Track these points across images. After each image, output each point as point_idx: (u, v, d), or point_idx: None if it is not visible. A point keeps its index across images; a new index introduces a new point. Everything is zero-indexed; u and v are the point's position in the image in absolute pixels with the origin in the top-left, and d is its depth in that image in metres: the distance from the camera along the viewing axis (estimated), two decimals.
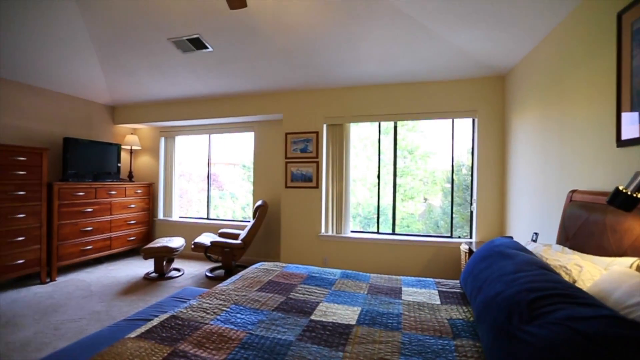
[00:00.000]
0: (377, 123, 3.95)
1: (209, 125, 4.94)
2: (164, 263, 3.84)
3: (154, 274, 3.87)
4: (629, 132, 1.52)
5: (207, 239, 3.95)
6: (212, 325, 1.45)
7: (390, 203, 3.96)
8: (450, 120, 3.70)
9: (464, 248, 3.18)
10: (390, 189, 3.96)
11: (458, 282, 2.13)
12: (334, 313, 1.62)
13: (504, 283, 1.28)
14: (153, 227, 5.19)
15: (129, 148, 5.15)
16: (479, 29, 2.55)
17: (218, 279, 3.77)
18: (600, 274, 1.29)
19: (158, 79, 3.99)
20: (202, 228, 4.89)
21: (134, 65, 3.74)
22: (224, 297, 1.78)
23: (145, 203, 5.01)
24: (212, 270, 4.05)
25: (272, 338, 1.36)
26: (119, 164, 4.75)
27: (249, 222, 4.62)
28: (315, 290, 1.93)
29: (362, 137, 4.38)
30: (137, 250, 4.96)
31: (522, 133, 2.90)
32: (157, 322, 1.48)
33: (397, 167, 3.91)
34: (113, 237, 4.45)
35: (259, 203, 4.09)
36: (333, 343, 1.33)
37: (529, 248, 1.81)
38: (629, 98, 1.52)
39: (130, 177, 5.10)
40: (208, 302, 1.71)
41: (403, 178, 4.26)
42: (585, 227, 1.64)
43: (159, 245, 3.77)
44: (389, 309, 1.68)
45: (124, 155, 5.16)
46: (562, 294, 1.04)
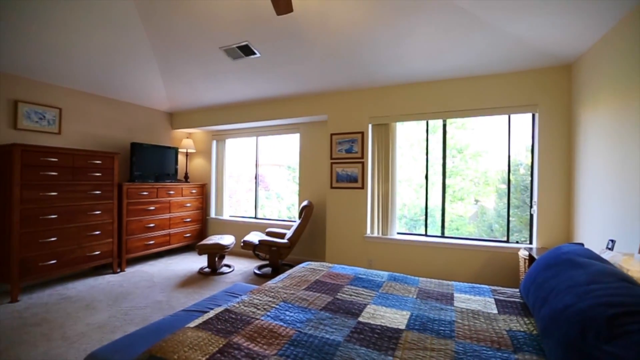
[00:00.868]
0: (424, 122, 3.80)
1: (257, 128, 5.14)
2: (216, 259, 4.07)
3: (207, 269, 4.12)
4: None
5: (255, 238, 4.12)
6: (262, 321, 1.50)
7: (438, 204, 3.79)
8: (506, 117, 3.44)
9: (523, 254, 2.93)
10: (438, 190, 3.78)
11: (517, 290, 1.98)
12: (382, 316, 1.59)
13: (575, 295, 1.15)
14: (206, 225, 5.53)
15: (185, 151, 5.56)
16: (541, 16, 2.33)
17: (266, 277, 3.91)
18: None
19: (210, 86, 4.25)
20: (250, 227, 5.11)
21: (190, 75, 4.03)
22: (273, 294, 1.84)
23: (199, 202, 5.36)
24: (260, 268, 4.21)
25: (320, 337, 1.37)
26: (177, 166, 5.14)
27: (295, 221, 4.72)
28: (362, 292, 1.92)
29: (408, 136, 4.25)
30: (192, 246, 5.33)
31: (593, 127, 2.60)
32: (212, 314, 1.57)
33: (446, 167, 3.73)
34: (172, 233, 4.83)
35: (305, 203, 4.16)
36: (382, 347, 1.30)
37: (605, 257, 1.61)
38: None
39: (186, 178, 5.50)
40: (258, 298, 1.78)
41: (452, 178, 4.05)
42: None
43: (212, 243, 4.01)
44: (441, 316, 1.61)
45: (181, 158, 5.58)
46: None
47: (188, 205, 5.12)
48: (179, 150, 5.40)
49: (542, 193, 3.15)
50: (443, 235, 3.74)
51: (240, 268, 4.33)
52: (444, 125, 3.73)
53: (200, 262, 4.57)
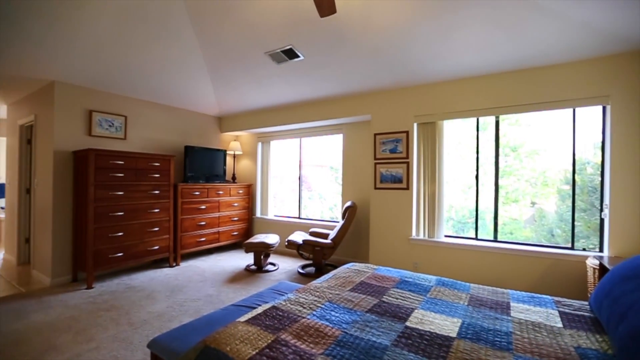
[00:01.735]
0: (472, 119, 3.59)
1: (300, 130, 5.24)
2: (262, 257, 4.21)
3: (253, 267, 4.28)
4: None
5: (299, 237, 4.20)
6: (308, 320, 1.52)
7: (489, 207, 3.54)
8: (570, 111, 3.12)
9: (592, 263, 2.64)
10: (489, 191, 3.54)
11: (586, 303, 1.78)
12: (431, 322, 1.53)
13: None
14: (252, 224, 5.76)
15: (233, 153, 5.84)
16: None
17: (309, 276, 3.96)
18: None
19: (256, 90, 4.42)
20: (293, 226, 5.22)
21: (238, 81, 4.22)
22: (319, 294, 1.86)
23: (246, 202, 5.59)
24: (303, 267, 4.28)
25: (366, 339, 1.35)
26: (225, 167, 5.42)
27: (337, 222, 4.73)
28: (409, 296, 1.86)
29: (454, 134, 4.04)
30: (238, 244, 5.59)
31: None
32: (261, 310, 1.63)
33: (499, 166, 3.49)
34: (220, 231, 5.10)
35: (348, 204, 4.15)
36: (432, 354, 1.25)
37: None
38: None
39: (234, 178, 5.78)
40: (304, 297, 1.80)
41: (505, 179, 3.77)
42: None
43: (258, 241, 4.16)
44: (496, 325, 1.50)
45: (228, 160, 5.88)
46: None
47: (235, 205, 5.37)
48: (227, 152, 5.68)
49: (614, 195, 2.81)
50: (496, 240, 3.50)
51: (285, 267, 4.44)
52: (497, 122, 3.49)
53: (247, 259, 4.77)
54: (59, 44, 3.07)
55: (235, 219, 5.37)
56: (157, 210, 4.15)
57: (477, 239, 3.59)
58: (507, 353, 1.26)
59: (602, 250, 2.96)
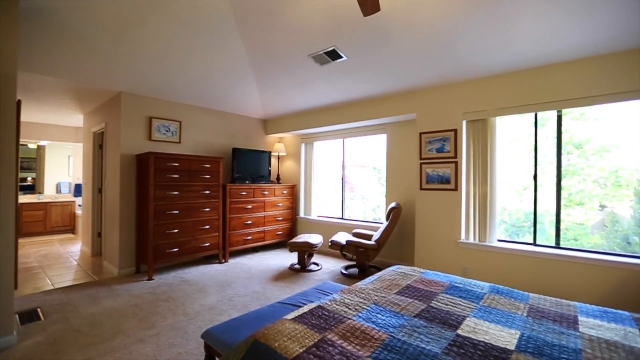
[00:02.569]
0: (530, 115, 3.31)
1: (343, 130, 5.24)
2: (305, 257, 4.28)
3: (297, 266, 4.36)
4: None
5: (342, 238, 4.19)
6: (354, 321, 1.51)
7: (548, 209, 3.23)
8: None
9: None
10: (548, 193, 3.23)
11: None
12: (486, 332, 1.44)
13: None
14: (296, 223, 5.88)
15: (277, 154, 6.02)
16: None
17: (352, 277, 3.94)
18: None
19: (300, 92, 4.51)
20: (336, 227, 5.23)
21: (282, 83, 4.34)
22: (364, 295, 1.84)
23: (290, 202, 5.72)
24: (346, 268, 4.27)
25: (415, 345, 1.31)
26: (270, 168, 5.60)
27: (380, 223, 4.65)
28: (460, 303, 1.77)
29: (507, 131, 3.75)
30: (282, 243, 5.73)
31: None
32: (307, 309, 1.65)
33: (561, 165, 3.18)
34: (266, 230, 5.27)
35: (393, 205, 4.06)
36: None
37: None
38: None
39: (278, 179, 5.95)
40: (349, 298, 1.80)
41: (567, 179, 3.42)
42: None
43: (302, 241, 4.24)
44: (561, 341, 1.37)
45: (273, 161, 6.06)
46: None
47: (280, 205, 5.52)
48: (272, 154, 5.87)
49: None
50: (558, 246, 3.19)
51: (328, 267, 4.46)
52: (559, 117, 3.18)
53: (291, 258, 4.87)
54: (127, 58, 3.41)
55: (280, 219, 5.52)
56: (207, 209, 4.41)
57: (535, 245, 3.31)
58: None
59: None
